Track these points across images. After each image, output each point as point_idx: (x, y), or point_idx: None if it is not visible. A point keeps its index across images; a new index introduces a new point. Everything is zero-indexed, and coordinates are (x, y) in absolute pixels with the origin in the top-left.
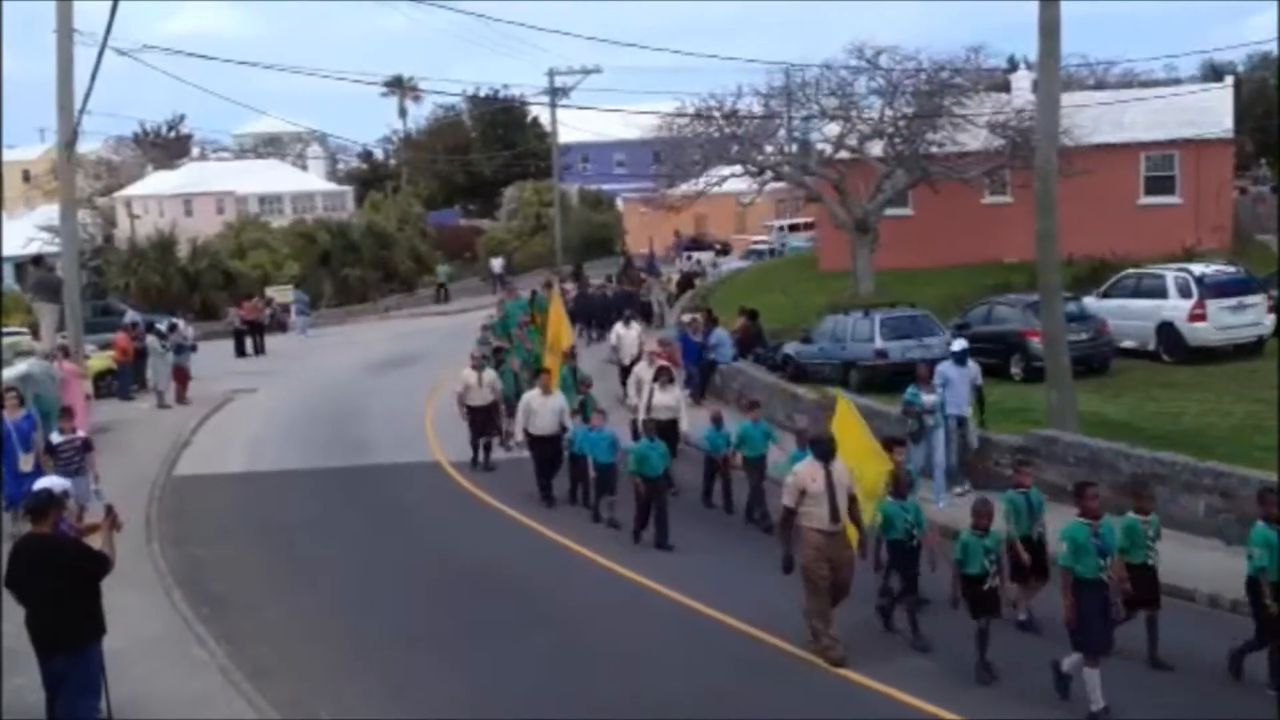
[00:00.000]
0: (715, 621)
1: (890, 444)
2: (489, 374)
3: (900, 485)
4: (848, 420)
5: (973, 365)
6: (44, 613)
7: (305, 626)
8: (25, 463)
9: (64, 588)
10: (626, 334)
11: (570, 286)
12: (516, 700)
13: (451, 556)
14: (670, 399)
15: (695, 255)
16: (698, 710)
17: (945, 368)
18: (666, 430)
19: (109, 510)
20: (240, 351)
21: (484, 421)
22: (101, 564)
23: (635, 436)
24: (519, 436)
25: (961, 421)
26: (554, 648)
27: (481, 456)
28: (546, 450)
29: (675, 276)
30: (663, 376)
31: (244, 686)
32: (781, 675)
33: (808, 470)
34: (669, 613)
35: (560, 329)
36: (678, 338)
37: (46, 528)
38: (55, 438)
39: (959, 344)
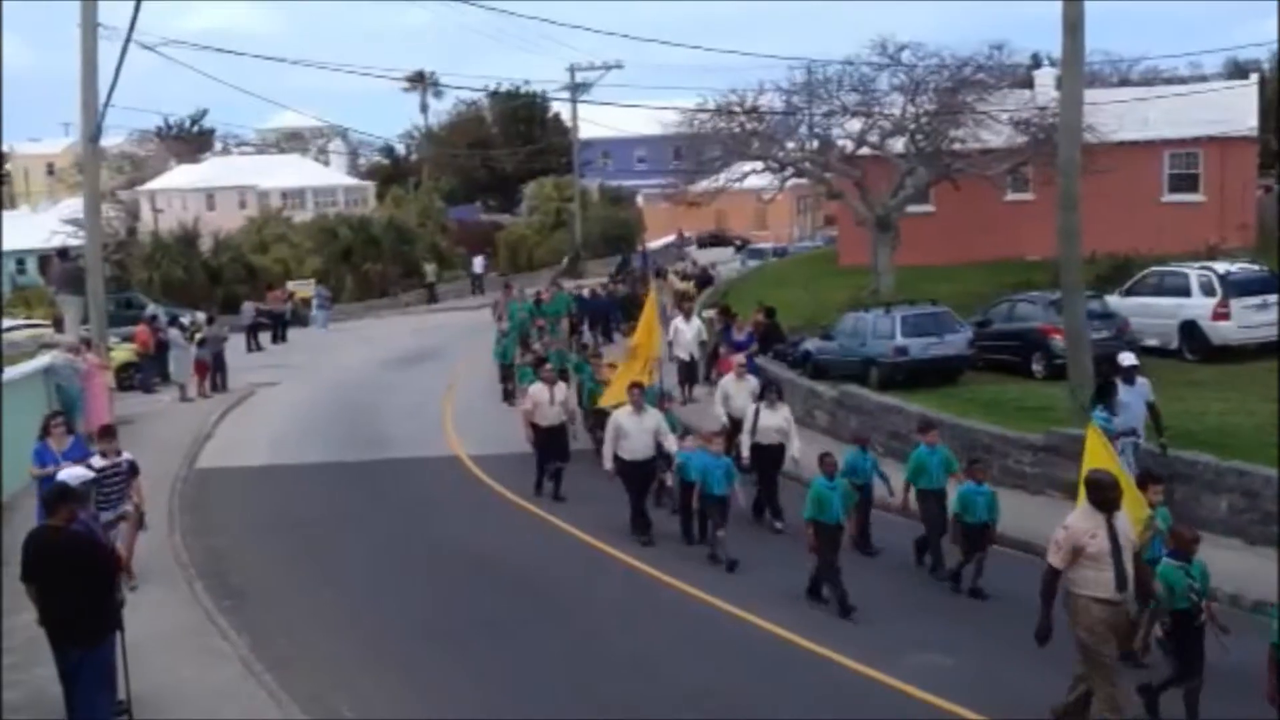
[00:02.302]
0: (732, 617)
1: (1145, 481)
2: (561, 390)
3: (1185, 541)
4: (1099, 452)
5: (1143, 380)
6: (56, 606)
7: (325, 619)
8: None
9: (75, 582)
10: (685, 329)
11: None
12: (532, 696)
13: (470, 550)
14: (780, 420)
15: (691, 257)
16: (712, 708)
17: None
18: (773, 456)
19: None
20: (250, 346)
21: (552, 444)
22: (113, 560)
23: (737, 460)
24: (608, 464)
25: (1136, 446)
26: (571, 644)
27: (550, 484)
28: (640, 477)
29: (675, 276)
30: (771, 393)
31: (265, 678)
32: (799, 672)
33: (1085, 523)
34: (686, 608)
35: (651, 338)
36: (722, 335)
37: (60, 520)
38: (97, 461)
39: (1128, 358)
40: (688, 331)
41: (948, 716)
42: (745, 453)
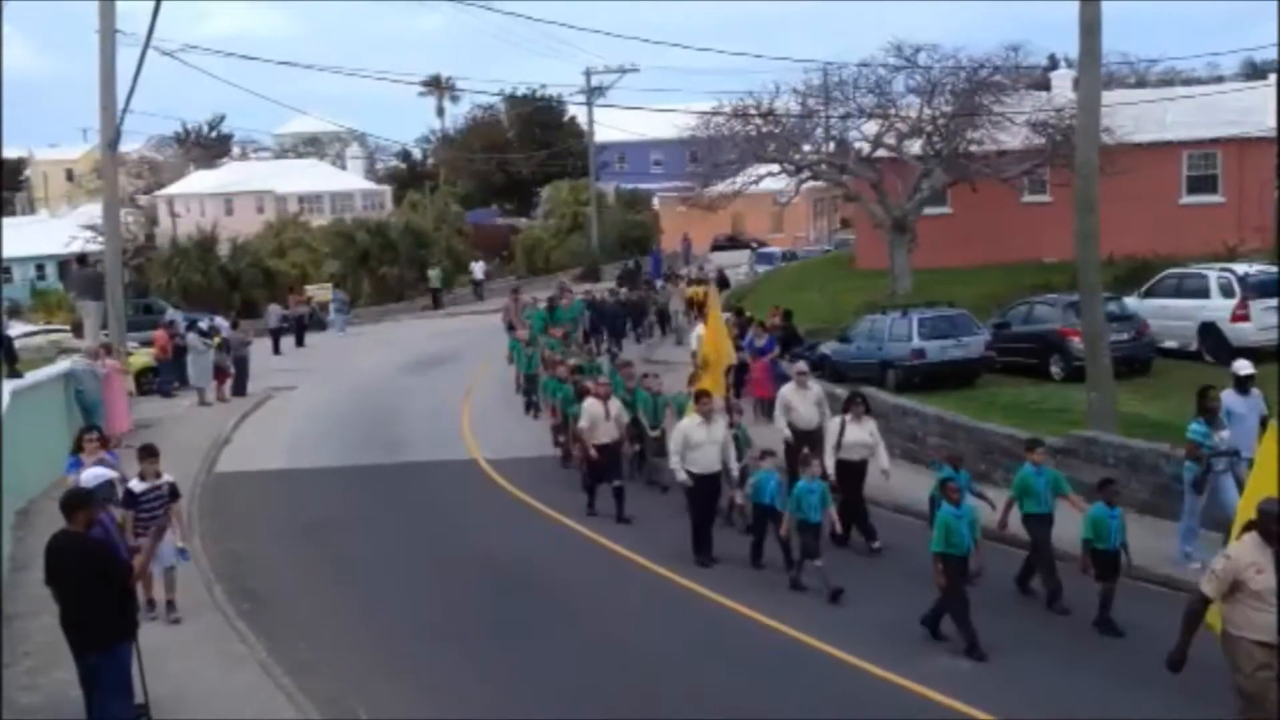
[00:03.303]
0: (748, 619)
1: None
2: (616, 404)
3: None
4: (1273, 468)
5: (1256, 392)
6: (71, 611)
7: (343, 623)
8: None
9: (90, 587)
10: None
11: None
12: (549, 698)
13: (487, 554)
14: (866, 434)
15: (698, 262)
16: (728, 710)
17: (1227, 396)
18: (858, 472)
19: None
20: (277, 349)
21: (611, 462)
22: (124, 571)
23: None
24: (681, 475)
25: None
26: (585, 645)
27: (612, 506)
28: (706, 492)
29: (682, 283)
30: (857, 405)
31: (283, 682)
32: (813, 674)
33: (1251, 555)
34: (700, 610)
35: (722, 343)
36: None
37: (79, 525)
38: (136, 485)
39: (1243, 365)
40: None
41: (963, 718)
42: (830, 469)
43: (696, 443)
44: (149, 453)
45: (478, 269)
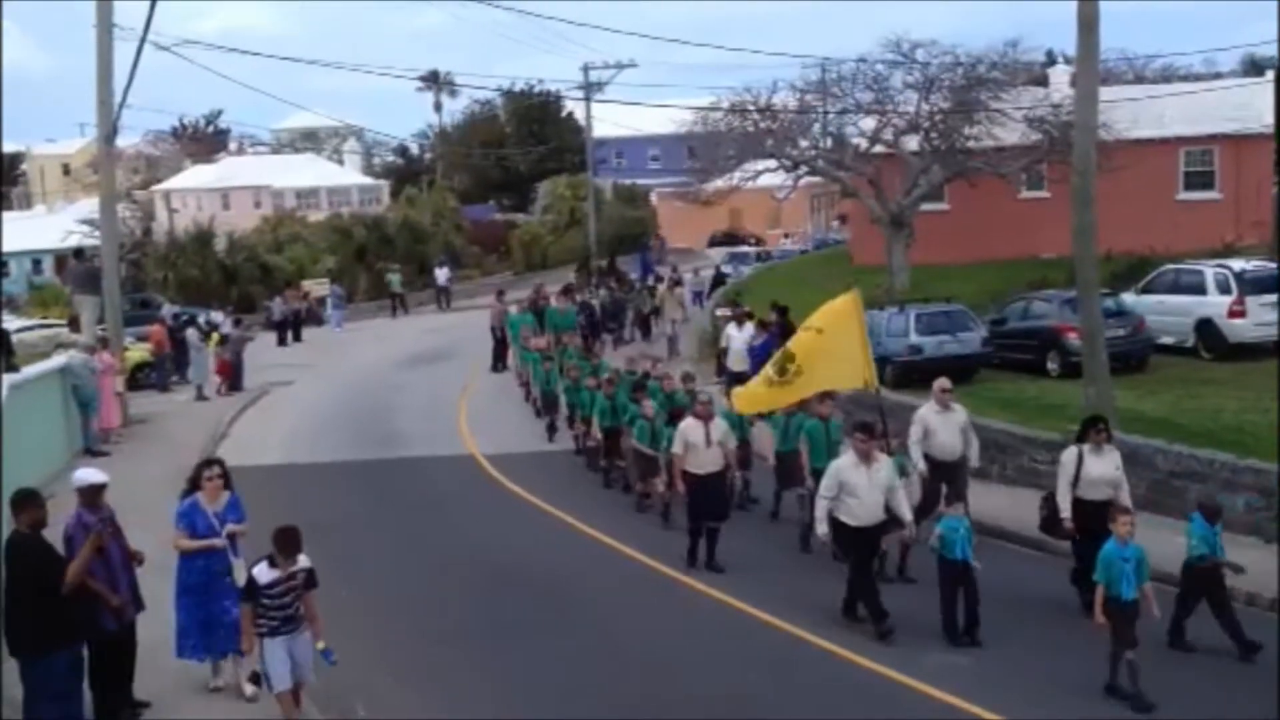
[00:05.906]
0: (749, 617)
1: None
2: (719, 428)
3: None
4: None
5: None
6: (7, 612)
7: (340, 619)
8: (239, 573)
9: (23, 589)
10: (738, 336)
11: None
12: (548, 698)
13: (484, 551)
14: (1111, 467)
15: (671, 263)
16: (730, 709)
17: None
18: (1103, 516)
19: (100, 533)
20: (282, 341)
21: (708, 496)
22: (59, 574)
23: (1055, 524)
24: (823, 526)
25: None
26: (585, 644)
27: (701, 548)
28: (866, 546)
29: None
30: (1099, 432)
31: None
32: (814, 673)
33: None
34: (701, 608)
35: (860, 357)
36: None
37: (24, 525)
38: (263, 574)
39: None
40: (739, 339)
41: (965, 716)
42: (1066, 513)
43: (854, 487)
44: (288, 543)
45: (441, 274)
